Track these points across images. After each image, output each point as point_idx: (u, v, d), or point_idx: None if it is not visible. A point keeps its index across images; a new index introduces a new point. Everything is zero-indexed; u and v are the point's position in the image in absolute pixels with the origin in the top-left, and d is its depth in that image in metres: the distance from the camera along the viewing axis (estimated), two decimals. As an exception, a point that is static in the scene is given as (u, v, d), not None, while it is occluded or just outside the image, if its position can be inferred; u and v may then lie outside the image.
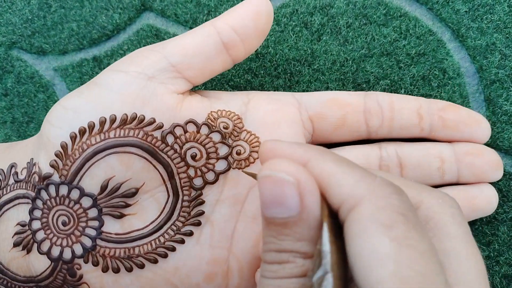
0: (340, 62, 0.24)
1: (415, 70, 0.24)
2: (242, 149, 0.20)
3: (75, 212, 0.19)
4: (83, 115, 0.19)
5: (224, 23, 0.19)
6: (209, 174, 0.20)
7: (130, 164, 0.19)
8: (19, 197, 0.20)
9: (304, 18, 0.24)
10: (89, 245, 0.19)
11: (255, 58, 0.25)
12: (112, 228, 0.19)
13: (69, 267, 0.19)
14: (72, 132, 0.19)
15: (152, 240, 0.20)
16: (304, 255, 0.14)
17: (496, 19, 0.23)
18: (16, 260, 0.20)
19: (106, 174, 0.19)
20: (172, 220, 0.20)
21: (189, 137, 0.20)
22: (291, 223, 0.14)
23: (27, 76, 0.26)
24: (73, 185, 0.19)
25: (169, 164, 0.19)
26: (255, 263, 0.21)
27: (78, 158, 0.19)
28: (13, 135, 0.27)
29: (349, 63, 0.24)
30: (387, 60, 0.24)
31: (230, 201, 0.20)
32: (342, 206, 0.14)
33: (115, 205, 0.19)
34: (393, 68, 0.24)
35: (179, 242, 0.20)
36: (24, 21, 0.26)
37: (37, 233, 0.19)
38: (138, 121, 0.19)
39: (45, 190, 0.19)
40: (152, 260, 0.20)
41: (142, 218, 0.20)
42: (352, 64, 0.24)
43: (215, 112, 0.20)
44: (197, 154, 0.20)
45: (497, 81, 0.24)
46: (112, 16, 0.26)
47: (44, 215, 0.19)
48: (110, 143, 0.19)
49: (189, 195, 0.20)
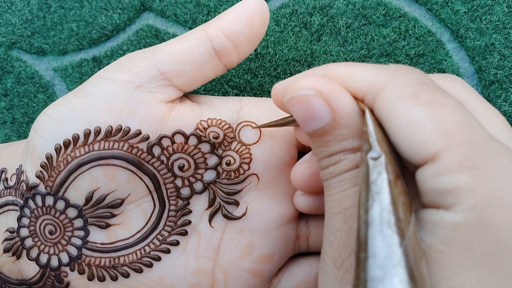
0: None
1: (414, 70, 0.24)
2: (232, 160, 0.20)
3: (61, 222, 0.19)
4: (68, 126, 0.19)
5: (216, 28, 0.19)
6: (197, 184, 0.20)
7: (115, 176, 0.19)
8: (8, 203, 0.20)
9: (303, 19, 0.24)
10: (75, 254, 0.20)
11: (254, 58, 0.25)
12: (98, 237, 0.20)
13: (56, 274, 0.20)
14: (57, 143, 0.19)
15: (137, 250, 0.20)
16: (352, 150, 0.15)
17: (495, 19, 0.23)
18: (8, 265, 0.20)
19: (91, 186, 0.19)
20: (158, 230, 0.20)
21: (177, 148, 0.19)
22: (330, 129, 0.15)
23: (27, 76, 0.26)
24: (58, 196, 0.19)
25: (155, 175, 0.19)
26: (241, 275, 0.21)
27: (63, 170, 0.19)
28: (13, 135, 0.27)
29: (348, 63, 0.24)
30: (386, 60, 0.24)
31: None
32: (366, 97, 0.14)
33: (100, 215, 0.19)
34: (393, 69, 0.24)
35: (165, 252, 0.20)
36: (23, 22, 0.26)
37: (25, 240, 0.20)
38: (123, 133, 0.19)
39: (32, 199, 0.19)
40: (137, 269, 0.20)
41: (127, 228, 0.20)
42: (351, 64, 0.24)
43: (204, 121, 0.20)
44: (184, 165, 0.20)
45: (496, 81, 0.24)
46: (111, 16, 0.26)
47: (32, 223, 0.20)
48: (94, 155, 0.19)
49: (176, 205, 0.20)
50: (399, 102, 0.13)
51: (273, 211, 0.21)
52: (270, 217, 0.20)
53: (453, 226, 0.12)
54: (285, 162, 0.21)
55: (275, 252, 0.21)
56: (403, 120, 0.13)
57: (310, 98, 0.14)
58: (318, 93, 0.14)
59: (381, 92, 0.14)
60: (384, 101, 0.14)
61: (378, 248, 0.12)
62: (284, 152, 0.20)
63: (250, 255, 0.20)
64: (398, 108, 0.13)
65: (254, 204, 0.20)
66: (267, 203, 0.21)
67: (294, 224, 0.21)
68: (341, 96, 0.14)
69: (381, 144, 0.13)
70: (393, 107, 0.13)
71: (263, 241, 0.21)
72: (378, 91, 0.14)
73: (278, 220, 0.21)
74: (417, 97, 0.13)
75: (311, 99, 0.14)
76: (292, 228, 0.21)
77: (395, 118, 0.13)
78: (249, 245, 0.20)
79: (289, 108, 0.15)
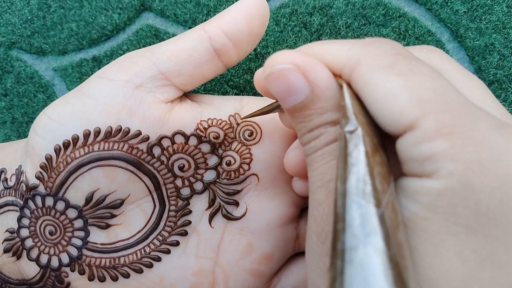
0: (339, 62, 0.24)
1: (414, 70, 0.24)
2: (232, 160, 0.20)
3: (61, 222, 0.19)
4: (67, 127, 0.19)
5: (215, 27, 0.19)
6: (197, 184, 0.20)
7: (115, 177, 0.19)
8: (8, 204, 0.20)
9: (303, 18, 0.24)
10: (75, 254, 0.20)
11: (254, 58, 0.25)
12: (98, 238, 0.20)
13: (56, 274, 0.20)
14: (56, 144, 0.19)
15: (137, 250, 0.20)
16: (332, 123, 0.15)
17: (495, 19, 0.23)
18: (8, 265, 0.20)
19: (91, 187, 0.19)
20: (158, 230, 0.20)
21: (177, 149, 0.19)
22: (309, 102, 0.15)
23: (26, 76, 0.26)
24: (58, 197, 0.19)
25: (155, 175, 0.19)
26: (241, 275, 0.21)
27: (63, 171, 0.19)
28: (13, 135, 0.27)
29: (348, 63, 0.24)
30: (386, 60, 0.24)
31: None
32: (343, 72, 0.14)
33: (100, 216, 0.19)
34: (392, 69, 0.24)
35: (165, 252, 0.20)
36: (23, 22, 0.26)
37: (25, 241, 0.20)
38: (123, 133, 0.19)
39: (32, 200, 0.19)
40: (137, 270, 0.20)
41: (127, 228, 0.20)
42: (351, 64, 0.24)
43: (205, 121, 0.19)
44: (185, 165, 0.20)
45: (495, 81, 0.24)
46: (111, 16, 0.25)
47: (32, 224, 0.20)
48: (94, 156, 0.19)
49: (176, 205, 0.20)
50: (374, 73, 0.13)
51: (273, 211, 0.21)
52: (270, 217, 0.20)
53: (435, 193, 0.12)
54: None
55: (275, 252, 0.21)
56: (379, 91, 0.13)
57: (287, 72, 0.14)
58: (294, 66, 0.14)
59: (357, 66, 0.14)
60: (360, 74, 0.14)
61: (353, 218, 0.12)
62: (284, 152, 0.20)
63: (250, 255, 0.20)
64: (373, 79, 0.13)
65: (254, 204, 0.20)
66: (267, 203, 0.21)
67: (294, 224, 0.21)
68: (318, 69, 0.14)
69: (358, 117, 0.14)
70: (368, 78, 0.13)
71: (263, 242, 0.21)
72: (354, 64, 0.14)
73: (278, 221, 0.21)
74: (392, 67, 0.13)
75: (288, 73, 0.14)
76: (292, 228, 0.21)
77: (371, 89, 0.13)
78: (249, 246, 0.21)
79: (268, 86, 0.15)
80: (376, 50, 0.14)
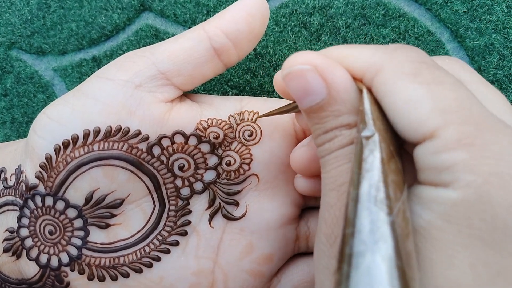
0: (339, 62, 0.24)
1: (414, 70, 0.24)
2: (232, 160, 0.20)
3: (61, 222, 0.19)
4: (67, 126, 0.19)
5: (215, 27, 0.19)
6: (197, 184, 0.20)
7: (114, 176, 0.19)
8: (8, 203, 0.20)
9: (303, 18, 0.24)
10: (75, 254, 0.20)
11: (254, 58, 0.25)
12: (98, 237, 0.20)
13: (56, 274, 0.20)
14: (56, 144, 0.19)
15: (137, 250, 0.20)
16: (348, 126, 0.15)
17: (495, 19, 0.23)
18: (7, 265, 0.20)
19: (91, 186, 0.19)
20: (158, 230, 0.20)
21: (177, 148, 0.19)
22: (325, 104, 0.15)
23: (26, 76, 0.26)
24: (58, 197, 0.19)
25: (155, 175, 0.19)
26: (241, 275, 0.21)
27: (62, 170, 0.19)
28: (13, 135, 0.27)
29: (348, 63, 0.24)
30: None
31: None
32: (364, 77, 0.14)
33: (100, 215, 0.19)
34: (392, 69, 0.24)
35: (165, 252, 0.20)
36: (23, 22, 0.26)
37: (25, 240, 0.20)
38: (122, 133, 0.19)
39: (32, 200, 0.19)
40: (137, 269, 0.20)
41: (127, 228, 0.20)
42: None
43: (204, 121, 0.19)
44: (184, 165, 0.20)
45: (495, 81, 0.24)
46: (111, 16, 0.25)
47: (32, 224, 0.20)
48: (93, 156, 0.19)
49: (176, 205, 0.20)
50: (397, 80, 0.13)
51: (273, 211, 0.21)
52: (270, 218, 0.20)
53: (451, 203, 0.12)
54: (285, 163, 0.21)
55: (275, 253, 0.21)
56: (401, 98, 0.13)
57: (305, 73, 0.14)
58: (313, 67, 0.14)
59: (380, 71, 0.14)
60: (382, 80, 0.14)
61: (363, 224, 0.12)
62: (284, 152, 0.21)
63: (250, 255, 0.20)
64: (396, 86, 0.13)
65: (254, 204, 0.21)
66: (267, 204, 0.21)
67: (294, 224, 0.21)
68: (336, 71, 0.14)
69: (376, 123, 0.14)
70: (391, 85, 0.13)
71: (263, 242, 0.21)
72: (376, 70, 0.14)
73: (278, 221, 0.21)
74: (416, 75, 0.13)
75: (306, 73, 0.14)
76: (292, 229, 0.21)
77: (393, 96, 0.13)
78: (249, 246, 0.21)
79: (286, 85, 0.15)
80: (400, 56, 0.14)
